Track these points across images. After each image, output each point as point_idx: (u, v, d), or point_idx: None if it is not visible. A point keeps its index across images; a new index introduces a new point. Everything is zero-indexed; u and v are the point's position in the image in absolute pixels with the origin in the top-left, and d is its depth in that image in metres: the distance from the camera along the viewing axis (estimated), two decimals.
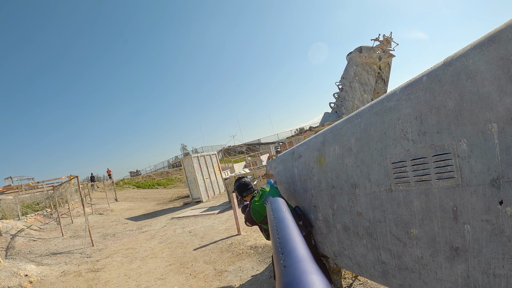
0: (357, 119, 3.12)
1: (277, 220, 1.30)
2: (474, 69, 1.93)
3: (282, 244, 0.85)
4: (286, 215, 1.42)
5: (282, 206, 1.99)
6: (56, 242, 13.24)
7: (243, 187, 4.85)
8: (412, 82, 2.44)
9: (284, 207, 1.95)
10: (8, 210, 18.15)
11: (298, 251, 0.76)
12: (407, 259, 2.69)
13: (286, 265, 0.66)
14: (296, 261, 0.67)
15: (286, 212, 1.58)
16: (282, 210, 1.61)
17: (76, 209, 22.15)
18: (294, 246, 0.82)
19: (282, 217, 1.31)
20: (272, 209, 1.84)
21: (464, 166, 2.08)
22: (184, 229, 12.25)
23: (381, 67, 25.69)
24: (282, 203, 2.21)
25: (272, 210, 1.73)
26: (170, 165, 62.15)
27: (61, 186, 17.69)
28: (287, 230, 1.07)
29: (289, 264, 0.66)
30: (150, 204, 26.39)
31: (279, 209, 1.68)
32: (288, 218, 1.31)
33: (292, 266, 0.65)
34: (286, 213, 1.49)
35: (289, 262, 0.67)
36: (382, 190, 2.83)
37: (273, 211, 1.69)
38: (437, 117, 2.20)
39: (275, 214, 1.51)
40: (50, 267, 9.41)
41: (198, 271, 7.02)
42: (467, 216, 2.10)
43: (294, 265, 0.65)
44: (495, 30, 1.85)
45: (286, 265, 0.67)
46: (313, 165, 4.15)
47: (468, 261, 2.15)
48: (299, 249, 0.78)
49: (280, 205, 2.00)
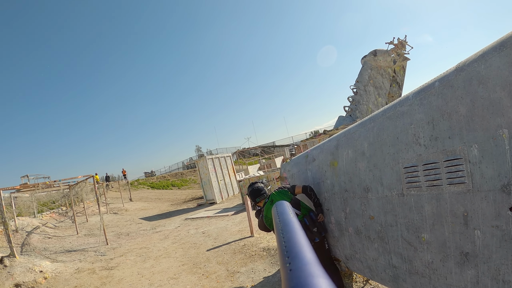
0: (370, 124, 3.14)
1: (282, 223, 1.30)
2: (486, 74, 1.94)
3: (288, 247, 0.86)
4: (292, 218, 1.42)
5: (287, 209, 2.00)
6: (71, 240, 13.48)
7: (256, 193, 4.85)
8: (424, 87, 2.45)
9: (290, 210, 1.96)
10: (24, 208, 18.51)
11: (304, 254, 0.76)
12: (417, 263, 2.70)
13: (292, 268, 0.68)
14: (302, 264, 0.68)
15: (291, 215, 1.59)
16: (287, 213, 1.62)
17: (91, 208, 22.49)
18: (300, 249, 0.82)
19: (288, 220, 1.32)
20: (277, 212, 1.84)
21: (475, 171, 2.08)
22: (198, 230, 12.34)
23: (395, 71, 25.41)
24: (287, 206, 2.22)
25: (278, 213, 1.73)
26: (184, 166, 62.38)
27: (77, 185, 17.95)
28: (292, 233, 1.07)
29: (295, 267, 0.67)
30: (164, 204, 26.56)
31: (284, 212, 1.68)
32: (293, 221, 1.30)
33: (298, 269, 0.66)
34: (291, 216, 1.50)
35: (295, 266, 0.68)
36: (394, 194, 2.84)
37: (278, 214, 1.69)
38: (449, 122, 2.21)
39: (281, 217, 1.52)
40: (65, 264, 9.59)
41: (210, 271, 7.08)
42: (477, 222, 2.11)
43: (300, 268, 0.66)
44: (506, 36, 1.85)
45: (292, 268, 0.68)
46: (327, 169, 4.17)
47: (478, 266, 2.15)
48: (305, 252, 0.79)
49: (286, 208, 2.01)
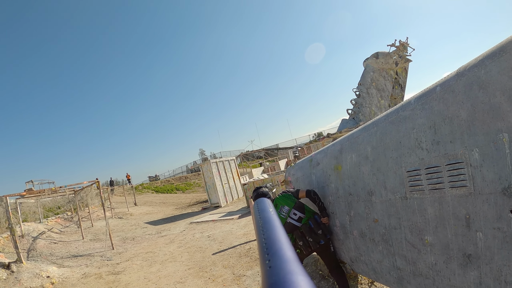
0: (373, 128, 3.19)
1: (263, 220, 1.32)
2: (486, 79, 1.98)
3: (268, 245, 0.86)
4: (272, 216, 1.44)
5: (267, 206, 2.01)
6: (77, 245, 13.53)
7: (261, 197, 4.82)
8: (426, 92, 2.49)
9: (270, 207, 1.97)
10: (30, 213, 18.60)
11: (284, 251, 0.76)
12: (421, 265, 2.74)
13: (272, 265, 0.68)
14: (281, 262, 0.69)
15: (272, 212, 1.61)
16: (268, 210, 1.64)
17: (96, 212, 22.53)
18: (280, 246, 0.81)
19: (268, 218, 1.33)
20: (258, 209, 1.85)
21: (476, 175, 2.13)
22: (203, 234, 12.37)
23: (398, 73, 25.46)
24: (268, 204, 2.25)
25: (258, 210, 1.74)
26: (188, 170, 62.42)
27: (82, 191, 18.01)
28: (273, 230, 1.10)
29: (275, 264, 0.68)
30: (169, 208, 26.57)
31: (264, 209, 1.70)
32: (274, 219, 1.33)
33: (278, 266, 0.66)
34: (272, 214, 1.52)
35: (275, 263, 0.69)
36: (397, 197, 2.89)
37: (259, 211, 1.71)
38: (450, 127, 2.26)
39: (261, 214, 1.53)
40: (71, 269, 9.65)
41: (216, 275, 7.12)
42: (479, 224, 2.15)
43: (279, 265, 0.66)
44: (506, 40, 1.88)
45: (271, 265, 0.68)
46: (331, 173, 4.22)
47: (481, 268, 2.19)
48: (285, 249, 0.78)
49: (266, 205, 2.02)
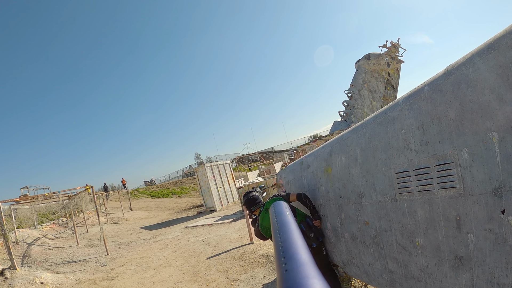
0: (362, 130, 3.15)
1: (279, 223, 1.29)
2: (474, 78, 1.94)
3: (284, 248, 0.85)
4: (289, 219, 1.41)
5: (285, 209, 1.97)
6: (72, 251, 13.42)
7: (251, 202, 4.86)
8: (414, 92, 2.45)
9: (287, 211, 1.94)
10: (24, 219, 18.45)
11: (300, 255, 0.76)
12: (413, 268, 2.70)
13: (288, 269, 0.67)
14: (297, 265, 0.68)
15: (289, 215, 1.57)
16: (285, 214, 1.60)
17: (91, 218, 22.44)
18: (296, 250, 0.81)
19: (285, 221, 1.30)
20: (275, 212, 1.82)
21: (466, 175, 2.08)
22: (198, 238, 12.32)
23: (390, 74, 25.51)
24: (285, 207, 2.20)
25: (275, 214, 1.71)
26: (184, 174, 62.20)
27: (76, 196, 17.92)
28: (289, 233, 1.06)
29: (291, 268, 0.67)
30: (165, 213, 26.50)
31: (281, 213, 1.66)
32: (290, 222, 1.29)
33: (294, 270, 0.65)
34: (288, 217, 1.48)
35: (291, 266, 0.68)
36: (387, 199, 2.85)
37: (276, 214, 1.67)
38: (438, 127, 2.22)
39: (278, 217, 1.50)
40: (66, 275, 9.56)
41: (210, 279, 7.06)
42: (470, 226, 2.11)
43: (295, 269, 0.66)
44: (494, 38, 1.85)
45: (287, 269, 0.67)
46: (321, 175, 4.18)
47: (473, 270, 2.15)
48: (301, 253, 0.78)
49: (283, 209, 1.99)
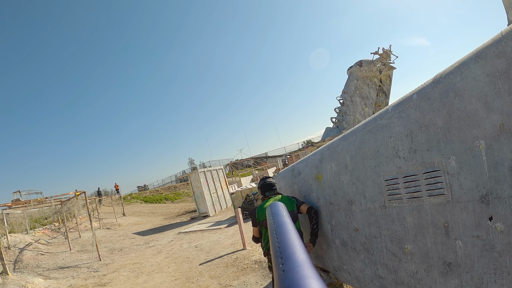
0: (352, 137, 3.17)
1: (276, 224, 1.29)
2: (462, 86, 1.96)
3: (282, 248, 0.86)
4: (286, 220, 1.41)
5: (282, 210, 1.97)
6: (64, 256, 13.29)
7: (267, 187, 4.54)
8: (403, 100, 2.48)
9: (284, 212, 1.93)
10: (16, 224, 18.27)
11: (297, 255, 0.76)
12: (402, 274, 2.71)
13: (285, 269, 0.68)
14: (295, 266, 0.68)
15: (286, 216, 1.57)
16: (282, 215, 1.60)
17: (84, 223, 22.23)
18: (293, 250, 0.82)
19: (282, 222, 1.31)
20: (272, 213, 1.81)
21: (453, 183, 2.10)
22: (191, 244, 12.26)
23: (382, 80, 25.72)
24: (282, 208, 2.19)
25: (272, 214, 1.71)
26: (177, 180, 62.04)
27: (69, 201, 17.80)
28: (286, 234, 1.07)
29: (288, 268, 0.67)
30: (158, 218, 26.36)
31: (279, 213, 1.66)
32: (288, 223, 1.30)
33: (291, 270, 0.66)
34: (286, 218, 1.48)
35: (288, 267, 0.68)
36: (376, 206, 2.87)
37: (272, 215, 1.67)
38: (426, 135, 2.24)
39: (275, 218, 1.50)
40: (58, 281, 9.48)
41: (203, 286, 7.02)
42: (458, 232, 2.13)
43: (293, 269, 0.66)
44: (482, 46, 1.87)
45: (285, 269, 0.68)
46: (312, 182, 4.19)
47: (461, 276, 2.16)
48: (298, 253, 0.78)
49: (280, 209, 1.98)
